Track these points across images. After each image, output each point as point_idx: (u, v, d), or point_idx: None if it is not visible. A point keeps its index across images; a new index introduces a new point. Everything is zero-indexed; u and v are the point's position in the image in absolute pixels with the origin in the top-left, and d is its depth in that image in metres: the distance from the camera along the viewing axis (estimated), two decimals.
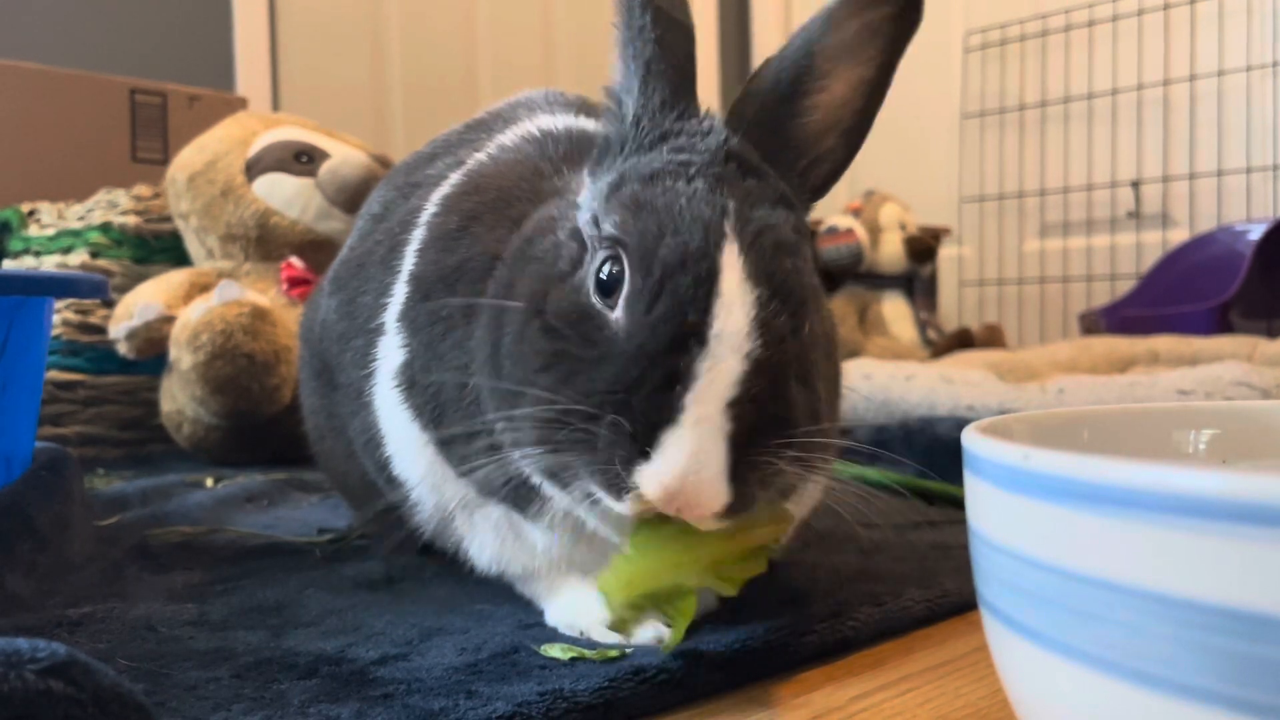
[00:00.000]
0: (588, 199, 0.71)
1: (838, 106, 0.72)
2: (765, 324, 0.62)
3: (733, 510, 0.61)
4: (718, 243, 0.63)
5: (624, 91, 0.71)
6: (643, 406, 0.60)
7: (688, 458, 0.59)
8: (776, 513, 0.69)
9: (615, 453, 0.61)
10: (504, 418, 0.68)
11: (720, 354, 0.61)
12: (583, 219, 0.70)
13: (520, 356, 0.67)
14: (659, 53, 0.69)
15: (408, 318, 0.81)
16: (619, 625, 0.67)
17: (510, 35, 3.99)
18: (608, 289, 0.64)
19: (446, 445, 0.79)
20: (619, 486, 0.61)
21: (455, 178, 0.86)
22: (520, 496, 0.75)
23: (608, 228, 0.65)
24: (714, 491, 0.60)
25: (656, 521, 0.65)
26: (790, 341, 0.64)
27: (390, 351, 0.82)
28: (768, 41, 4.57)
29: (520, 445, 0.67)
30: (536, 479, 0.70)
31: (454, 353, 0.77)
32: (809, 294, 0.67)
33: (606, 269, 0.65)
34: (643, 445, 0.60)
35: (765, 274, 0.63)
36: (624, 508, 0.62)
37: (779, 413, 0.63)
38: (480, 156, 0.88)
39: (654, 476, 0.59)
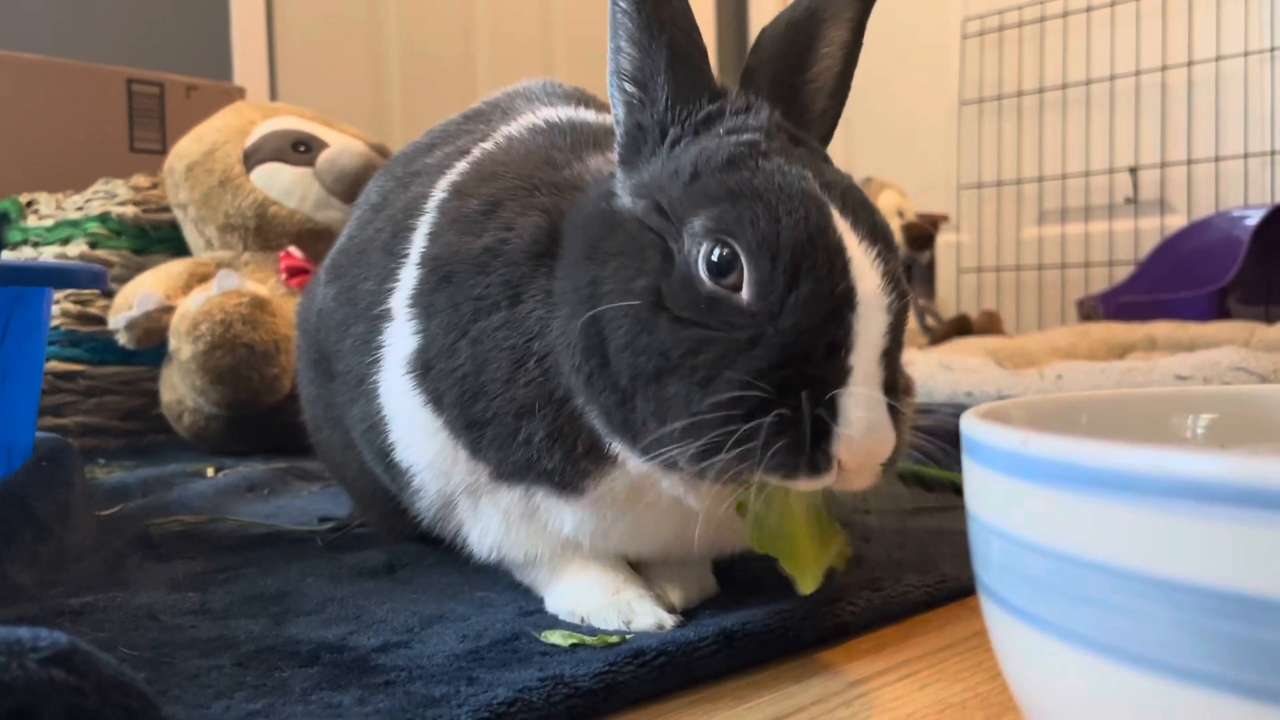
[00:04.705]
0: (633, 188, 0.71)
1: (824, 69, 0.77)
2: (889, 275, 0.67)
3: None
4: (827, 212, 0.66)
5: (645, 77, 0.72)
6: (818, 376, 0.63)
7: (869, 415, 0.63)
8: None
9: (806, 434, 0.62)
10: (654, 413, 0.66)
11: (869, 314, 0.65)
12: (639, 209, 0.70)
13: (652, 348, 0.66)
14: (678, 35, 0.70)
15: (422, 302, 0.79)
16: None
17: (509, 25, 3.98)
18: (722, 271, 0.65)
19: (474, 428, 0.76)
20: (818, 465, 0.63)
21: (462, 165, 0.85)
22: (573, 472, 0.74)
23: (704, 221, 0.66)
24: (888, 439, 0.64)
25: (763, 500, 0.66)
26: (903, 285, 0.68)
27: (400, 337, 0.81)
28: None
29: (684, 437, 0.65)
30: (681, 465, 0.66)
31: (500, 333, 0.75)
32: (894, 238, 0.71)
33: (717, 254, 0.65)
34: (827, 417, 0.62)
35: (870, 230, 0.67)
36: (823, 481, 0.64)
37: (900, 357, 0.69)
38: (487, 146, 0.86)
39: (849, 445, 0.62)
